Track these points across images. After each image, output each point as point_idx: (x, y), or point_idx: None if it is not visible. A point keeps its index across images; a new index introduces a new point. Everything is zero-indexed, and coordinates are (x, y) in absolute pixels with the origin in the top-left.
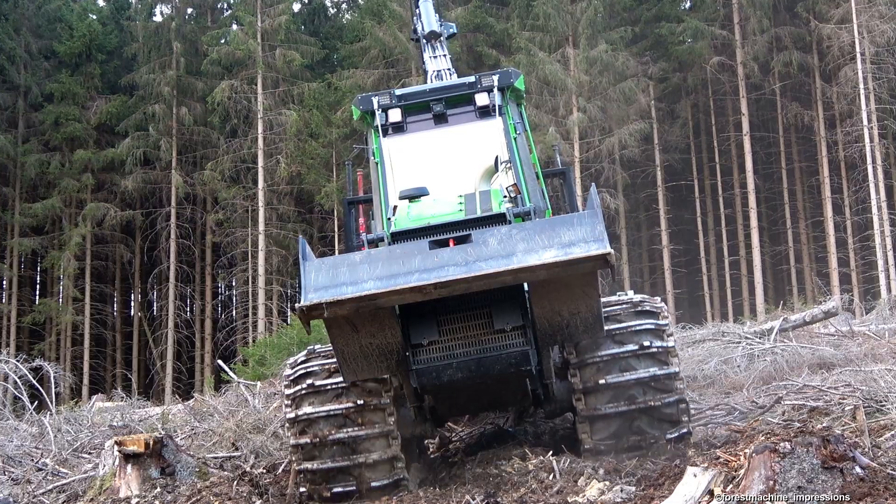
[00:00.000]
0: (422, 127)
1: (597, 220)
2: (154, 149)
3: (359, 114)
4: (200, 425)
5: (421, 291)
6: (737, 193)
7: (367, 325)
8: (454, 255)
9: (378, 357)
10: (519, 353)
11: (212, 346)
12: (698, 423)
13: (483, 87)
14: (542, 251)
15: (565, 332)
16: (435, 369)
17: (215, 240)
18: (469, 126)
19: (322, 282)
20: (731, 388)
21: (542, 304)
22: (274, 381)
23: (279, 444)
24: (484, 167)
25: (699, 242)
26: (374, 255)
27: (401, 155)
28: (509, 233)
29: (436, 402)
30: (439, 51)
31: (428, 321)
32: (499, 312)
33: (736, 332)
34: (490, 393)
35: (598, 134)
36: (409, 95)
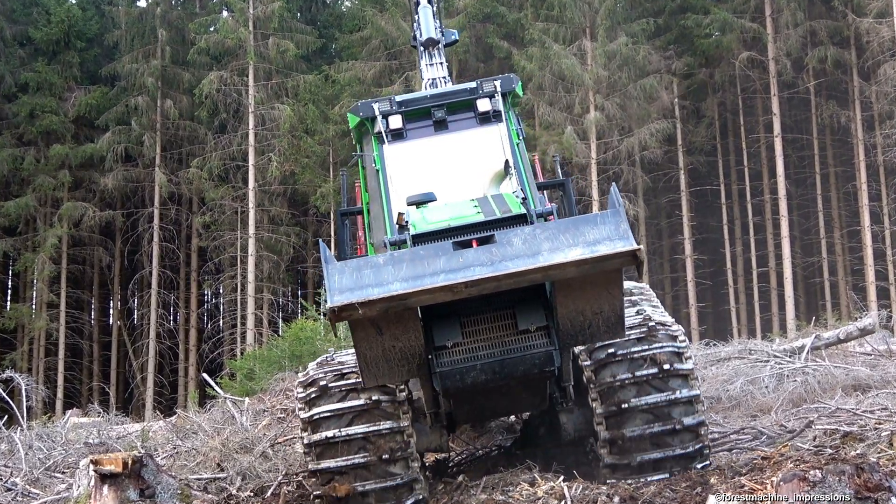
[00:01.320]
0: (422, 133)
1: (620, 218)
2: (136, 144)
3: (356, 121)
4: (183, 444)
5: (451, 290)
6: (766, 200)
7: (391, 328)
8: (479, 255)
9: (400, 361)
10: (543, 353)
11: (196, 359)
12: (722, 448)
13: (485, 92)
14: (568, 249)
15: (587, 332)
16: (459, 371)
17: (201, 243)
18: (471, 132)
19: (347, 284)
20: (758, 411)
21: (565, 304)
22: (263, 397)
23: (268, 465)
24: (490, 172)
25: (725, 252)
26: (397, 256)
27: (402, 162)
28: (533, 232)
29: (455, 407)
30: (436, 58)
31: (451, 323)
32: (523, 313)
33: (764, 350)
34: (510, 396)
35: (616, 134)
36: (410, 102)
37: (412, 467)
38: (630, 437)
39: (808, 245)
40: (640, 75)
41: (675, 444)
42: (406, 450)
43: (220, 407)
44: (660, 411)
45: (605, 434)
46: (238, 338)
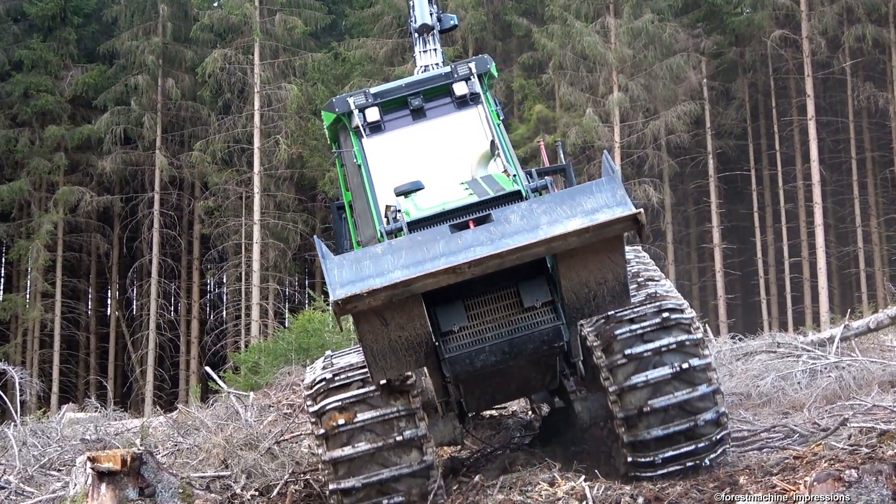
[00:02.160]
0: (401, 124)
1: (616, 184)
2: (136, 126)
3: (332, 118)
4: (185, 440)
5: (455, 272)
6: (799, 186)
7: (396, 317)
8: (478, 235)
9: (407, 350)
10: (551, 328)
11: (198, 351)
12: (752, 447)
13: (460, 76)
14: (567, 221)
15: (593, 303)
16: (468, 355)
17: (204, 230)
18: (450, 118)
19: (348, 276)
20: (789, 408)
21: (569, 277)
22: (269, 392)
23: (274, 463)
24: (474, 155)
25: (756, 241)
26: (395, 245)
27: (384, 154)
28: (530, 207)
29: (465, 393)
30: (430, 45)
31: (455, 307)
32: (527, 290)
33: (792, 343)
34: (520, 376)
35: (641, 116)
36: (385, 92)
37: (426, 453)
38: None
39: (844, 234)
40: (667, 54)
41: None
42: (419, 433)
43: (223, 402)
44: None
45: (621, 413)
46: (242, 329)
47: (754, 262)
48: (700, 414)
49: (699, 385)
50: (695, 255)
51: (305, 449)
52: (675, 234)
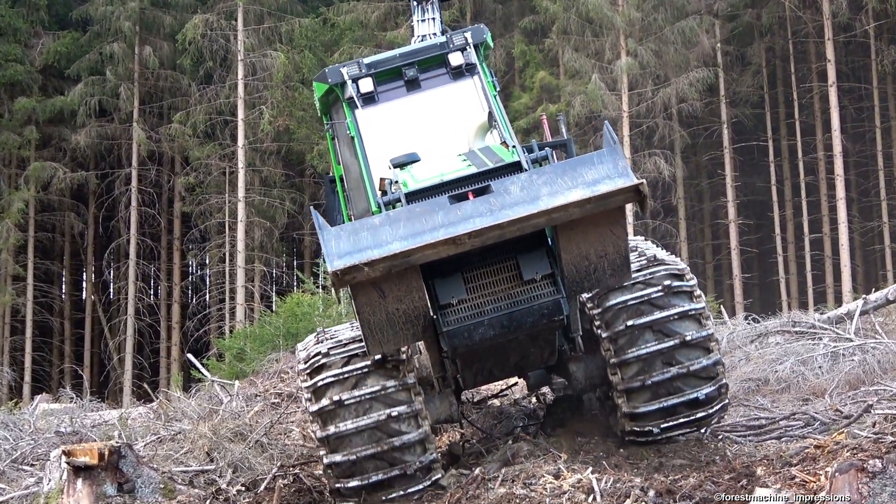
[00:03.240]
0: (395, 95)
1: (617, 155)
2: (112, 97)
3: (324, 89)
4: (168, 432)
5: (455, 243)
6: (820, 157)
7: (394, 290)
8: (478, 206)
9: (405, 324)
10: (551, 302)
11: (180, 338)
12: (770, 436)
13: (455, 46)
14: (568, 192)
15: (593, 277)
16: (466, 329)
17: (185, 208)
18: (445, 89)
19: (345, 248)
20: (810, 394)
21: (570, 249)
22: (255, 380)
23: (263, 456)
24: (470, 127)
25: (774, 217)
26: (393, 216)
27: (378, 126)
28: (530, 178)
29: (463, 368)
30: (429, 13)
31: (454, 280)
32: (526, 262)
33: (808, 322)
34: (519, 351)
35: (651, 83)
36: (379, 63)
37: (422, 426)
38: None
39: (867, 208)
40: (678, 17)
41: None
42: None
43: (206, 391)
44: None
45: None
46: (227, 314)
47: (772, 239)
48: (700, 386)
49: (700, 357)
50: (709, 232)
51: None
52: (687, 210)
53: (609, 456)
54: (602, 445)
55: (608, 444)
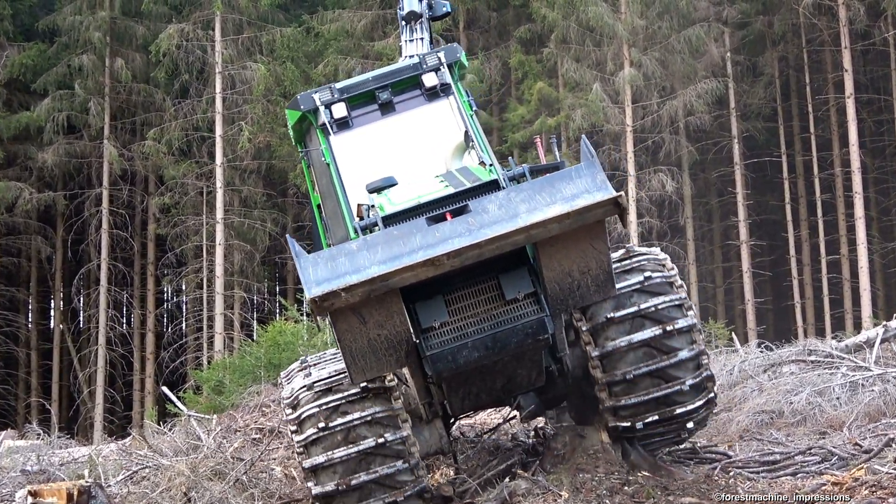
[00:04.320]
0: (369, 119)
1: (595, 169)
2: (81, 113)
3: (297, 116)
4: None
5: (434, 265)
6: (837, 174)
7: (374, 315)
8: (456, 227)
9: (387, 350)
10: (535, 321)
11: (154, 369)
12: (785, 472)
13: (429, 67)
14: (546, 208)
15: (577, 293)
16: (450, 352)
17: (160, 231)
18: (420, 111)
19: (323, 274)
20: (827, 427)
21: (551, 266)
22: (234, 414)
23: (244, 495)
24: (447, 148)
25: (788, 237)
26: (370, 240)
27: (353, 152)
28: (508, 196)
29: (449, 392)
30: (417, 34)
31: (436, 303)
32: (508, 282)
33: (825, 350)
34: (505, 374)
35: (656, 95)
36: (352, 87)
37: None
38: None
39: (888, 228)
40: (684, 25)
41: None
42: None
43: (183, 427)
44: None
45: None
46: (204, 343)
47: (786, 261)
48: (682, 379)
49: (681, 349)
50: (719, 254)
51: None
52: (696, 230)
53: (613, 494)
54: (605, 482)
55: (612, 481)
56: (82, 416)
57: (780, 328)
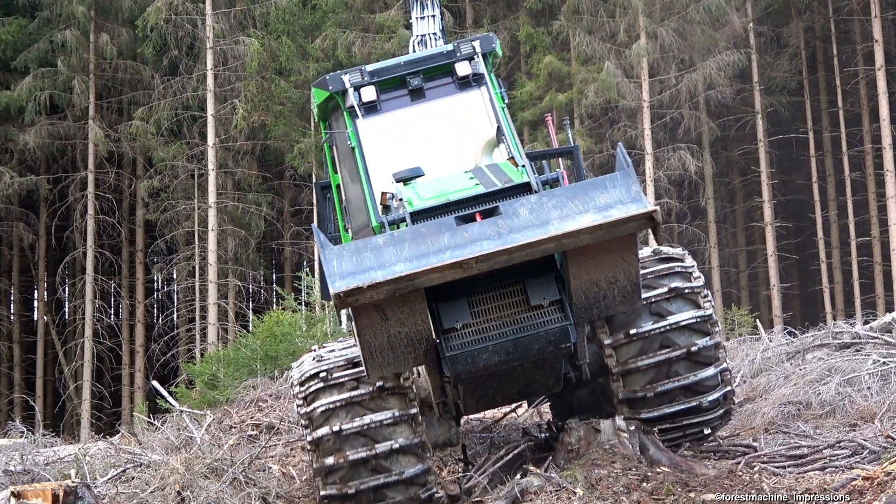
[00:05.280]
0: (398, 104)
1: (630, 179)
2: (65, 91)
3: (324, 96)
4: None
5: (461, 267)
6: (867, 151)
7: (397, 312)
8: (485, 228)
9: (406, 347)
10: (558, 329)
11: (144, 363)
12: (813, 468)
13: (463, 55)
14: (578, 216)
15: (602, 303)
16: (470, 354)
17: (149, 216)
18: (451, 99)
19: (348, 268)
20: (858, 418)
21: (579, 275)
22: (229, 410)
23: (240, 495)
24: (476, 141)
25: (815, 218)
26: (397, 236)
27: (380, 137)
28: (539, 200)
29: (464, 394)
30: (428, 10)
31: (459, 303)
32: (534, 287)
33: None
34: (523, 379)
35: (674, 69)
36: (383, 70)
37: (424, 459)
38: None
39: None
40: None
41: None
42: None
43: (174, 423)
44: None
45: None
46: (197, 335)
47: (814, 244)
48: (703, 395)
49: (704, 367)
50: (742, 237)
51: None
52: (717, 212)
53: (630, 491)
54: (622, 479)
55: (629, 478)
56: (68, 412)
57: (807, 314)
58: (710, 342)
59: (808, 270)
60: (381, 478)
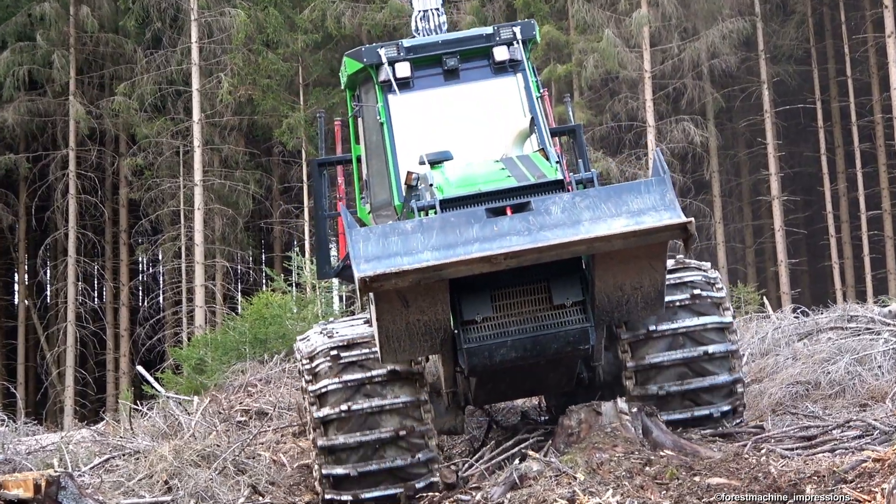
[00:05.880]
0: (431, 83)
1: (666, 187)
2: (44, 66)
3: (357, 67)
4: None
5: (490, 262)
6: (878, 121)
7: (419, 300)
8: (515, 223)
9: (423, 335)
10: (579, 330)
11: (129, 347)
12: (822, 449)
13: (502, 39)
14: (611, 220)
15: (625, 308)
16: (488, 348)
17: (133, 195)
18: (485, 84)
19: (374, 252)
20: (868, 398)
21: (604, 278)
22: (217, 395)
23: (229, 483)
24: (508, 128)
25: (824, 191)
26: (426, 223)
27: (410, 115)
28: (572, 200)
29: (477, 387)
30: None
31: (481, 296)
32: (558, 287)
33: (866, 316)
34: (537, 376)
35: (677, 38)
36: (420, 48)
37: (430, 447)
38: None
39: None
40: None
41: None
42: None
43: (161, 409)
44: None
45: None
46: (183, 318)
47: (823, 218)
48: (715, 404)
49: (718, 374)
50: (748, 211)
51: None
52: (723, 185)
53: (633, 475)
54: (625, 463)
55: (632, 462)
56: (51, 399)
57: (816, 291)
58: (728, 349)
59: (817, 245)
60: (385, 462)
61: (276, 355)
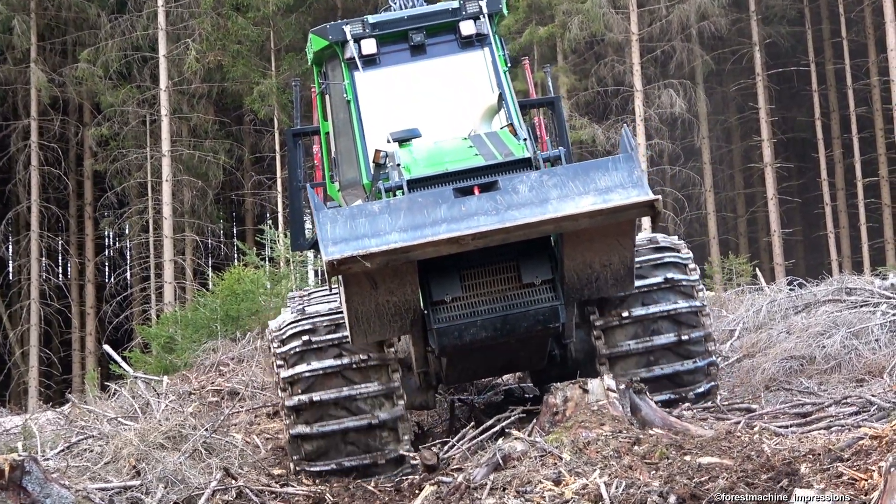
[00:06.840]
0: (398, 59)
1: (634, 163)
2: (4, 32)
3: (322, 44)
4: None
5: (458, 243)
6: (874, 84)
7: (387, 282)
8: (482, 203)
9: (393, 316)
10: (548, 308)
11: (96, 326)
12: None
13: (468, 13)
14: (578, 198)
15: (594, 285)
16: (457, 328)
17: (98, 166)
18: (452, 58)
19: (341, 234)
20: (865, 373)
21: (573, 256)
22: (188, 375)
23: (199, 467)
24: (475, 104)
25: (819, 158)
26: (393, 204)
27: (377, 92)
28: (540, 178)
29: (448, 366)
30: None
31: (450, 276)
32: (527, 265)
33: (866, 289)
34: (508, 354)
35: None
36: (385, 24)
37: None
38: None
39: None
40: None
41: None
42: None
43: (129, 390)
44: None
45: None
46: (152, 295)
47: (818, 186)
48: (688, 387)
49: (692, 358)
50: (740, 179)
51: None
52: (713, 152)
53: (621, 455)
54: (612, 442)
55: (619, 441)
56: (14, 380)
57: (811, 262)
58: (700, 334)
59: (812, 214)
60: (357, 450)
61: (248, 333)
